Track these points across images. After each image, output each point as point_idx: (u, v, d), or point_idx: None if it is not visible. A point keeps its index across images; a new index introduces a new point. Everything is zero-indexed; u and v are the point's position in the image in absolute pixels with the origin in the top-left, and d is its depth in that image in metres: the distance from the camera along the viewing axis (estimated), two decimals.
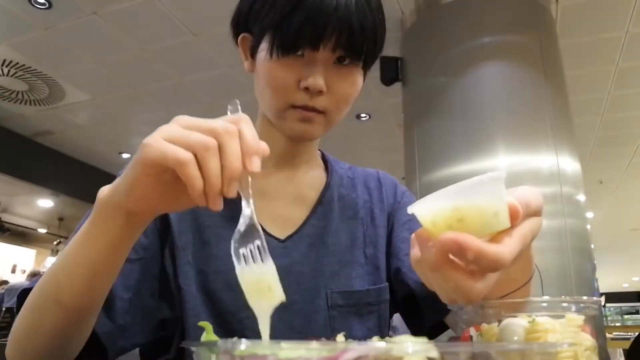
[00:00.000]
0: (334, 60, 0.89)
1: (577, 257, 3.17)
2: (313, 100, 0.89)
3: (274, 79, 0.90)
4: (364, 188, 1.10)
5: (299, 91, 0.89)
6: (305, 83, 0.87)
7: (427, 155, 3.53)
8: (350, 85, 0.93)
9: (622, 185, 8.31)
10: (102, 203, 0.65)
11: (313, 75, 0.87)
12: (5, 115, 6.32)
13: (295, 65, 0.88)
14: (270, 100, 0.93)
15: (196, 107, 5.83)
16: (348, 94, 0.93)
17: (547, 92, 3.42)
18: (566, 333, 0.46)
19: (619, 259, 14.46)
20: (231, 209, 0.65)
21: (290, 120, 0.92)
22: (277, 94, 0.90)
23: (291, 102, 0.90)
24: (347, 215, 1.04)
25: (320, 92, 0.88)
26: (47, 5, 4.14)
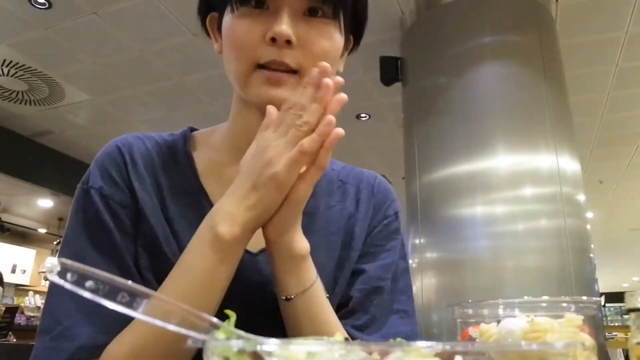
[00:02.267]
0: (304, 11, 0.81)
1: (577, 257, 3.17)
2: (282, 54, 0.79)
3: (236, 37, 0.82)
4: (353, 199, 1.00)
5: (264, 45, 0.80)
6: (271, 33, 0.78)
7: (427, 155, 3.53)
8: (327, 39, 0.83)
9: (622, 186, 8.31)
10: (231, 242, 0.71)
11: (278, 23, 0.78)
12: (5, 115, 6.32)
13: (259, 18, 0.81)
14: (235, 65, 0.84)
15: (196, 107, 5.83)
16: (324, 49, 0.82)
17: (547, 92, 3.42)
18: (565, 333, 0.46)
19: (619, 259, 14.46)
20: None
21: (255, 84, 0.82)
22: (241, 53, 0.82)
23: (257, 59, 0.80)
24: (330, 230, 0.94)
25: (288, 43, 0.79)
26: (47, 5, 4.14)
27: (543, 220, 3.19)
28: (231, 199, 0.72)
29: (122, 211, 0.86)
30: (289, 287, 0.77)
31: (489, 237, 3.20)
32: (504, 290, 3.05)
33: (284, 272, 0.76)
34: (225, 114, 0.99)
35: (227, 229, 0.69)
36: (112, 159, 0.89)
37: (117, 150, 0.90)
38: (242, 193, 0.71)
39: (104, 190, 0.86)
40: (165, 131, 0.97)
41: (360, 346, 0.35)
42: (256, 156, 0.71)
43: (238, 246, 0.72)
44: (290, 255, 0.75)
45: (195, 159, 0.94)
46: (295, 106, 0.70)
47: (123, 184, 0.87)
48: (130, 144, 0.92)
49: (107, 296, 0.47)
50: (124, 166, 0.88)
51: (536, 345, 0.38)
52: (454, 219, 3.25)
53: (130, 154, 0.90)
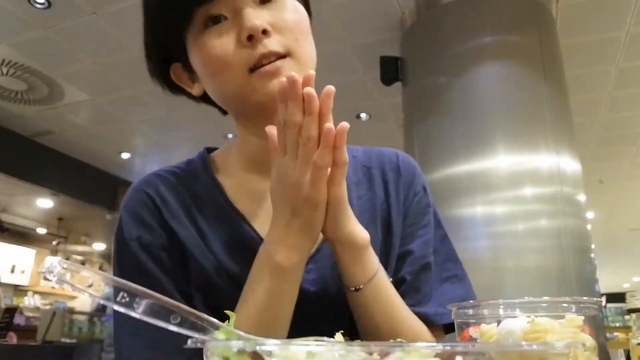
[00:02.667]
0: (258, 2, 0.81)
1: (578, 258, 3.17)
2: (265, 44, 0.78)
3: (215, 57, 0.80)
4: (381, 183, 0.99)
5: (245, 49, 0.78)
6: (244, 33, 0.77)
7: (427, 155, 3.52)
8: (292, 12, 0.83)
9: (622, 185, 8.31)
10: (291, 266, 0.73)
11: (244, 20, 0.78)
12: (5, 115, 6.32)
13: (224, 31, 0.80)
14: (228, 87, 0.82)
15: (196, 107, 5.79)
16: (297, 21, 0.83)
17: (547, 92, 3.42)
18: (565, 333, 0.46)
19: (620, 259, 14.45)
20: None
21: (259, 86, 0.79)
22: (228, 69, 0.80)
23: (246, 66, 0.79)
24: (366, 220, 0.90)
25: (265, 32, 0.78)
26: (47, 4, 4.14)
27: (543, 220, 3.19)
28: (278, 228, 0.74)
29: (165, 255, 0.85)
30: (355, 277, 0.79)
31: (489, 237, 3.20)
32: (504, 290, 3.05)
33: (349, 264, 0.79)
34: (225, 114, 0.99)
35: (285, 256, 0.72)
36: (142, 204, 0.88)
37: (143, 195, 0.89)
38: (286, 221, 0.73)
39: (142, 240, 0.85)
40: (165, 130, 0.98)
41: (360, 346, 0.35)
42: (281, 183, 0.73)
43: (298, 270, 0.75)
44: (352, 247, 0.78)
45: (221, 183, 0.94)
46: (290, 124, 0.70)
47: (160, 228, 0.87)
48: (156, 184, 0.91)
49: (108, 297, 0.47)
50: (156, 209, 0.88)
51: (537, 345, 0.38)
52: (454, 219, 3.24)
53: (159, 194, 0.89)
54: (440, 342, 0.34)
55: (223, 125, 5.73)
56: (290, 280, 0.74)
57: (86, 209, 8.27)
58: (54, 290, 11.36)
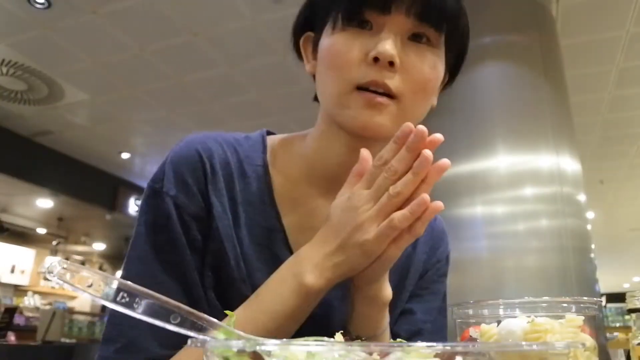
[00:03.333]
0: (409, 35, 0.77)
1: (578, 258, 3.16)
2: (383, 74, 0.74)
3: (336, 55, 0.77)
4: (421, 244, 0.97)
5: (366, 66, 0.75)
6: (375, 52, 0.74)
7: None
8: (430, 67, 0.79)
9: (622, 185, 8.31)
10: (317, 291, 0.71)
11: (382, 42, 0.74)
12: (5, 115, 6.32)
13: (361, 37, 0.76)
14: (331, 86, 0.79)
15: (196, 107, 5.83)
16: (425, 77, 0.78)
17: (548, 92, 3.42)
18: (565, 333, 0.46)
19: (620, 259, 14.45)
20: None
21: (354, 106, 0.76)
22: (339, 72, 0.77)
23: (356, 80, 0.76)
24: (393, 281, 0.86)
25: (391, 65, 0.74)
26: (47, 4, 4.14)
27: (543, 221, 3.18)
28: (318, 251, 0.71)
29: (195, 225, 0.81)
30: (362, 329, 0.77)
31: (489, 237, 3.20)
32: (504, 290, 3.04)
33: (362, 316, 0.77)
34: (226, 113, 0.99)
35: (314, 280, 0.69)
36: (190, 165, 0.83)
37: (197, 156, 0.84)
38: (330, 249, 0.70)
39: (178, 200, 0.81)
40: (165, 130, 0.95)
41: (360, 346, 0.35)
42: (346, 214, 0.70)
43: (320, 295, 0.72)
44: (373, 303, 0.76)
45: (273, 177, 0.88)
46: (390, 170, 0.68)
47: (200, 196, 0.82)
48: (211, 151, 0.85)
49: (107, 296, 0.47)
50: (203, 177, 0.83)
51: (537, 345, 0.38)
52: (454, 219, 3.24)
53: (211, 162, 0.84)
54: (440, 342, 0.34)
55: (224, 126, 5.73)
56: (309, 301, 0.71)
57: (86, 209, 8.27)
58: (53, 290, 11.36)
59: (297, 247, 0.79)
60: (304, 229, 0.81)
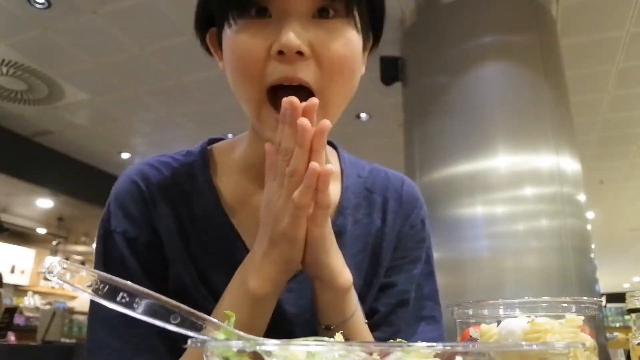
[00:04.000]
0: (312, 14, 0.70)
1: (578, 258, 3.17)
2: (293, 68, 0.68)
3: (238, 55, 0.71)
4: (380, 210, 0.93)
5: (272, 61, 0.69)
6: (277, 45, 0.67)
7: (427, 155, 3.52)
8: (343, 45, 0.71)
9: (622, 185, 8.31)
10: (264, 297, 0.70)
11: (284, 32, 0.67)
12: (4, 115, 6.32)
13: (262, 29, 0.69)
14: (242, 91, 0.74)
15: (195, 107, 5.83)
16: (341, 57, 0.70)
17: (548, 92, 3.42)
18: (565, 333, 0.46)
19: (620, 259, 14.45)
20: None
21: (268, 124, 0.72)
22: (245, 73, 0.71)
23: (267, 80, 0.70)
24: (357, 247, 0.89)
25: (299, 54, 0.67)
26: (47, 4, 4.14)
27: (543, 221, 3.19)
28: (256, 253, 0.71)
29: (150, 254, 0.82)
30: (329, 317, 0.76)
31: (489, 237, 3.20)
32: (504, 290, 3.04)
33: (325, 304, 0.75)
34: (226, 113, 0.99)
35: (258, 284, 0.69)
36: (131, 197, 0.83)
37: (135, 188, 0.84)
38: (264, 248, 0.69)
39: (128, 234, 0.81)
40: (165, 130, 0.93)
41: (360, 347, 0.35)
42: (266, 209, 0.70)
43: (270, 298, 0.71)
44: (331, 288, 0.73)
45: (217, 187, 0.87)
46: (282, 151, 0.65)
47: (145, 224, 0.82)
48: (149, 178, 0.85)
49: (107, 296, 0.47)
50: (145, 206, 0.83)
51: (537, 345, 0.38)
52: (454, 219, 3.24)
53: (150, 190, 0.84)
54: (440, 342, 0.34)
55: (224, 126, 5.73)
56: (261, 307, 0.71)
57: (86, 209, 8.26)
58: (53, 290, 11.36)
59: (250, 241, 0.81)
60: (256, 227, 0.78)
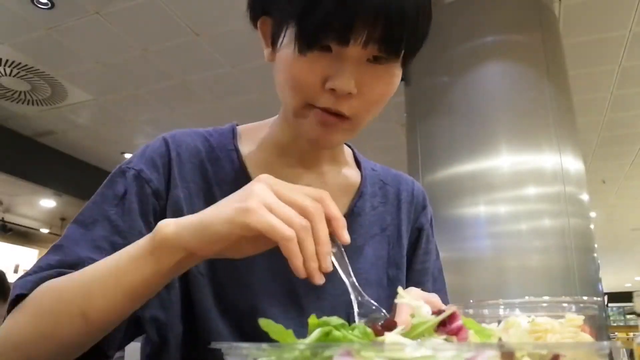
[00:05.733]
0: (367, 57, 0.75)
1: (581, 257, 3.16)
2: (339, 103, 0.75)
3: (295, 77, 0.76)
4: (395, 200, 1.01)
5: (323, 92, 0.75)
6: (332, 84, 0.73)
7: (430, 155, 3.52)
8: (387, 85, 0.79)
9: (625, 185, 8.30)
10: (165, 238, 0.64)
11: (341, 74, 0.73)
12: (8, 115, 6.33)
13: (320, 61, 0.74)
14: (289, 99, 0.79)
15: (198, 107, 5.84)
16: (383, 95, 0.79)
17: (550, 92, 3.41)
18: (565, 333, 0.46)
19: (622, 258, 14.43)
20: None
21: (308, 122, 0.79)
22: (297, 93, 0.77)
23: (312, 102, 0.77)
24: (375, 230, 0.96)
25: (349, 94, 0.74)
26: (50, 5, 4.15)
27: (546, 220, 3.18)
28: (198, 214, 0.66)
29: (152, 201, 0.83)
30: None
31: (492, 236, 3.20)
32: (507, 290, 3.04)
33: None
34: (229, 113, 0.99)
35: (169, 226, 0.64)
36: (158, 151, 0.87)
37: (164, 146, 0.88)
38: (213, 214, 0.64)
39: (142, 173, 0.84)
40: (168, 131, 0.94)
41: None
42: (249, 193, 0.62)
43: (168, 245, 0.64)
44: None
45: (244, 157, 0.92)
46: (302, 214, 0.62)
47: (163, 177, 0.85)
48: (179, 141, 0.90)
49: None
50: (169, 161, 0.86)
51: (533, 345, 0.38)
52: (457, 219, 3.24)
53: (178, 151, 0.88)
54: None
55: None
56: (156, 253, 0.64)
57: None
58: None
59: None
60: None
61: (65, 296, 0.68)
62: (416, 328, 0.44)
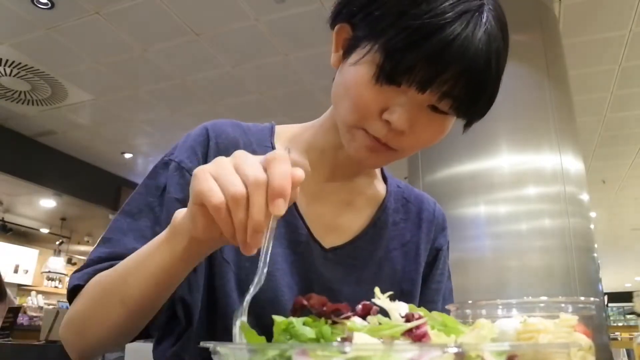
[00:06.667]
0: (428, 104, 0.76)
1: (581, 257, 3.16)
2: (389, 137, 0.77)
3: (358, 97, 0.76)
4: (416, 218, 1.04)
5: (378, 120, 0.76)
6: (389, 117, 0.74)
7: (431, 155, 3.52)
8: (439, 132, 0.81)
9: (624, 185, 8.30)
10: (175, 225, 0.66)
11: (401, 112, 0.74)
12: (8, 115, 6.33)
13: (388, 92, 0.74)
14: (344, 113, 0.80)
15: (198, 107, 5.83)
16: (433, 139, 0.81)
17: (550, 92, 3.41)
18: (559, 333, 0.46)
19: (622, 258, 14.42)
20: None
21: (356, 142, 0.80)
22: (355, 113, 0.77)
23: (365, 127, 0.78)
24: (394, 245, 0.98)
25: (401, 132, 0.76)
26: (50, 5, 4.15)
27: (547, 220, 3.18)
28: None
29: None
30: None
31: (492, 236, 3.20)
32: (507, 289, 3.04)
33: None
34: (229, 114, 1.00)
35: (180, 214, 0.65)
36: (198, 137, 0.92)
37: (205, 133, 0.92)
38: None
39: (183, 163, 0.88)
40: (168, 131, 0.95)
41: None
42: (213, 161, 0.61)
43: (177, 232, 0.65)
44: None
45: None
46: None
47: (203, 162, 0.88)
48: (220, 130, 0.93)
49: None
50: (209, 149, 0.90)
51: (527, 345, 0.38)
52: (457, 219, 3.24)
53: (217, 140, 0.92)
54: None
55: None
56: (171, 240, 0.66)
57: (89, 209, 8.29)
58: (57, 290, 11.40)
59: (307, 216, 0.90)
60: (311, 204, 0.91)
61: (108, 287, 0.75)
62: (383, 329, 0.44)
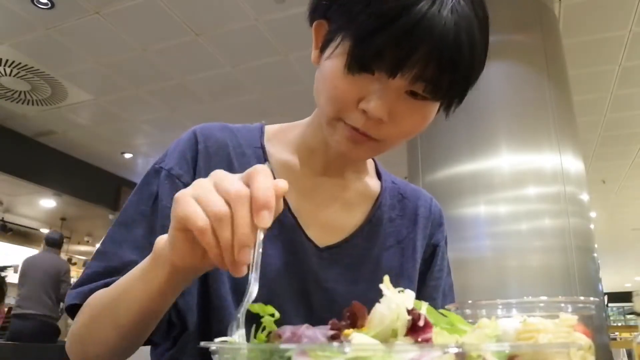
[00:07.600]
0: (406, 90, 0.74)
1: (581, 257, 3.16)
2: (368, 126, 0.75)
3: (334, 89, 0.76)
4: (412, 214, 1.03)
5: (355, 110, 0.75)
6: (365, 106, 0.73)
7: (430, 155, 3.52)
8: (421, 119, 0.79)
9: (624, 185, 8.30)
10: (156, 251, 0.64)
11: (376, 100, 0.73)
12: (8, 115, 6.33)
13: (362, 81, 0.74)
14: (323, 107, 0.80)
15: (198, 107, 5.83)
16: (415, 128, 0.79)
17: (550, 92, 3.41)
18: (559, 333, 0.46)
19: (622, 259, 14.43)
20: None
21: (337, 134, 0.79)
22: (332, 105, 0.77)
23: (344, 118, 0.77)
24: (390, 242, 0.97)
25: (379, 120, 0.74)
26: (50, 5, 4.15)
27: (547, 220, 3.18)
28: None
29: None
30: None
31: (492, 236, 3.20)
32: (507, 290, 3.04)
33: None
34: (228, 113, 1.00)
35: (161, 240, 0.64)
36: (190, 144, 0.91)
37: (194, 138, 0.92)
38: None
39: (173, 171, 0.88)
40: (168, 131, 0.96)
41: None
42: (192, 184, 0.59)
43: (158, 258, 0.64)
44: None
45: (269, 155, 0.94)
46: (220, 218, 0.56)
47: (194, 170, 0.89)
48: (208, 134, 0.93)
49: None
50: (198, 154, 0.90)
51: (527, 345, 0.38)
52: (457, 219, 3.24)
53: (206, 144, 0.91)
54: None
55: None
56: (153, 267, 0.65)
57: (89, 209, 8.29)
58: None
59: (299, 215, 0.89)
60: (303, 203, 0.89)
61: (101, 311, 0.75)
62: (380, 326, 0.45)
